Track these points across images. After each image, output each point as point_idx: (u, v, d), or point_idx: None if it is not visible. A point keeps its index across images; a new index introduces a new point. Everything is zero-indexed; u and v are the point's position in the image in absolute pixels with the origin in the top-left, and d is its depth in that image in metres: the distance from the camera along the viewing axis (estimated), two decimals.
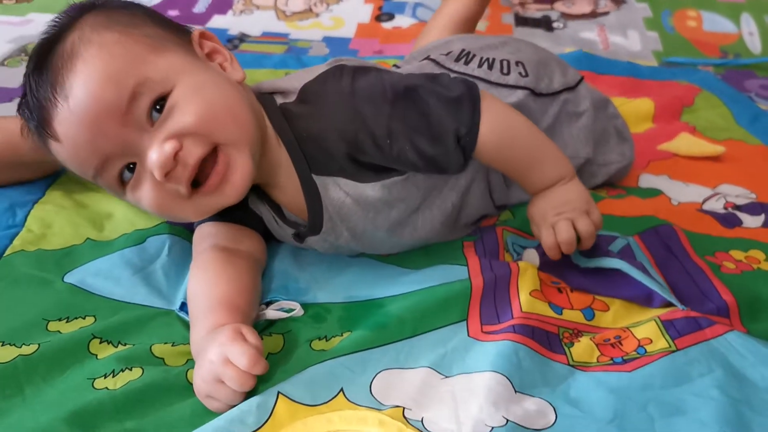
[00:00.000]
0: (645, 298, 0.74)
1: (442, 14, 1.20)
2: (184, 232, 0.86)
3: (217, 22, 1.64)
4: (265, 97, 0.75)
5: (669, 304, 0.73)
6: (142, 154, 0.65)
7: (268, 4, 1.73)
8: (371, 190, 0.74)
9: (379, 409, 0.62)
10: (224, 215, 0.75)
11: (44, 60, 0.66)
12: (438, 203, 0.79)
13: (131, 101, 0.64)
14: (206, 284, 0.72)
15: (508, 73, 0.86)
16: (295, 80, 0.75)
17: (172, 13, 1.66)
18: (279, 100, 0.74)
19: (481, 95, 0.73)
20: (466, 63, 0.87)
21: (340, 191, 0.73)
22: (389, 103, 0.70)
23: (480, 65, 0.86)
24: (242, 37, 1.56)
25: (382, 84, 0.71)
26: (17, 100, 1.16)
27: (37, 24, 1.48)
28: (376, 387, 0.64)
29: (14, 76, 1.29)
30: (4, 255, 0.81)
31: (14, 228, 0.86)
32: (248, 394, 0.62)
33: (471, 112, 0.71)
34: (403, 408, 0.61)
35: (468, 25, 1.19)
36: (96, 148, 0.65)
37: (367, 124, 0.69)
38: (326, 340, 0.70)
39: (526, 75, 0.87)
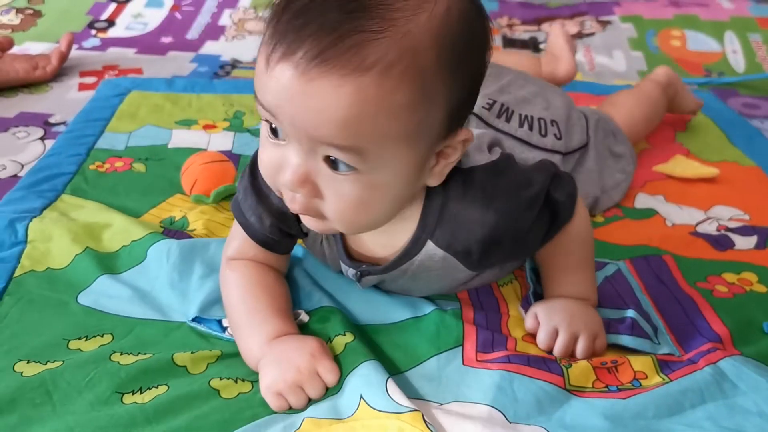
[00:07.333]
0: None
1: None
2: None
3: (209, 48, 1.65)
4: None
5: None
6: (290, 158, 0.60)
7: (260, 29, 1.74)
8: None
9: (398, 412, 0.62)
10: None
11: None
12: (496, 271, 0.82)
13: (325, 145, 0.57)
14: (250, 293, 0.74)
15: (545, 135, 0.89)
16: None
17: (166, 39, 1.67)
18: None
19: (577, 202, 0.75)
20: (507, 120, 0.88)
21: (439, 260, 0.72)
22: (538, 210, 0.71)
23: (521, 125, 0.88)
24: (234, 63, 1.57)
25: (539, 190, 0.71)
26: (12, 130, 1.17)
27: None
28: (391, 389, 0.65)
29: (12, 106, 1.30)
30: (15, 276, 0.82)
31: (19, 245, 0.86)
32: None
33: (564, 221, 0.75)
34: (423, 412, 0.62)
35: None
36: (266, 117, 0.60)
37: (518, 231, 0.70)
38: (330, 341, 0.72)
39: (560, 137, 0.90)
